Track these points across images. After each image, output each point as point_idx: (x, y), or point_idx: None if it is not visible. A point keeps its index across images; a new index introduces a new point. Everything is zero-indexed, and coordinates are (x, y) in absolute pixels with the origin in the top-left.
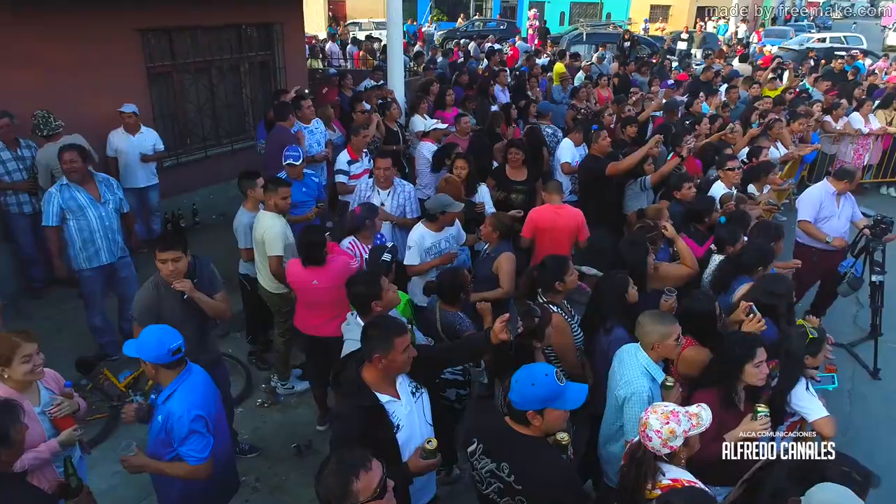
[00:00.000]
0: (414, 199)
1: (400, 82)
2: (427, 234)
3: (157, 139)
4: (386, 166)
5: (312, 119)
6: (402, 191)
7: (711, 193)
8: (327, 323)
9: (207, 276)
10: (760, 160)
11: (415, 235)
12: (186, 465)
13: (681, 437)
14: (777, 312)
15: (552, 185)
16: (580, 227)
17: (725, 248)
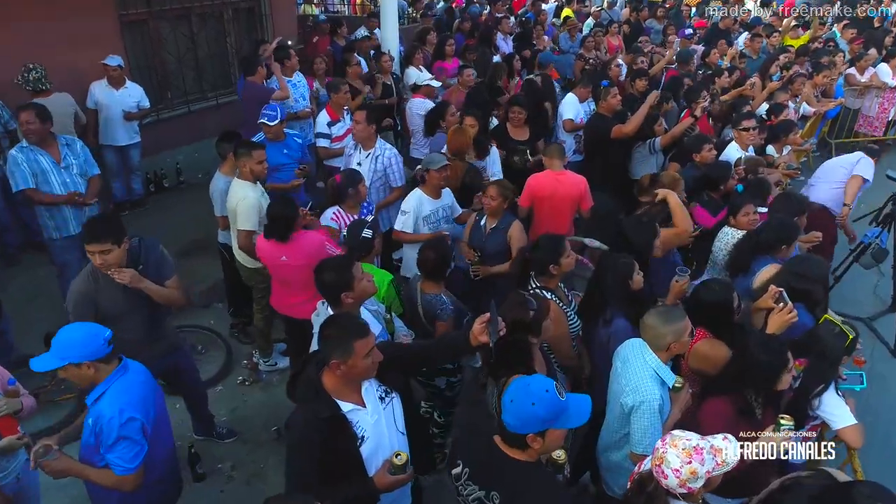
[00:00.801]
0: (397, 166)
1: (394, 30)
2: (425, 199)
3: (142, 95)
4: (360, 119)
5: (294, 71)
6: (383, 155)
7: (725, 157)
8: (304, 304)
9: (154, 262)
10: (780, 118)
11: (412, 200)
12: (112, 475)
13: (702, 478)
14: (813, 299)
15: (553, 149)
16: (583, 196)
17: (736, 217)
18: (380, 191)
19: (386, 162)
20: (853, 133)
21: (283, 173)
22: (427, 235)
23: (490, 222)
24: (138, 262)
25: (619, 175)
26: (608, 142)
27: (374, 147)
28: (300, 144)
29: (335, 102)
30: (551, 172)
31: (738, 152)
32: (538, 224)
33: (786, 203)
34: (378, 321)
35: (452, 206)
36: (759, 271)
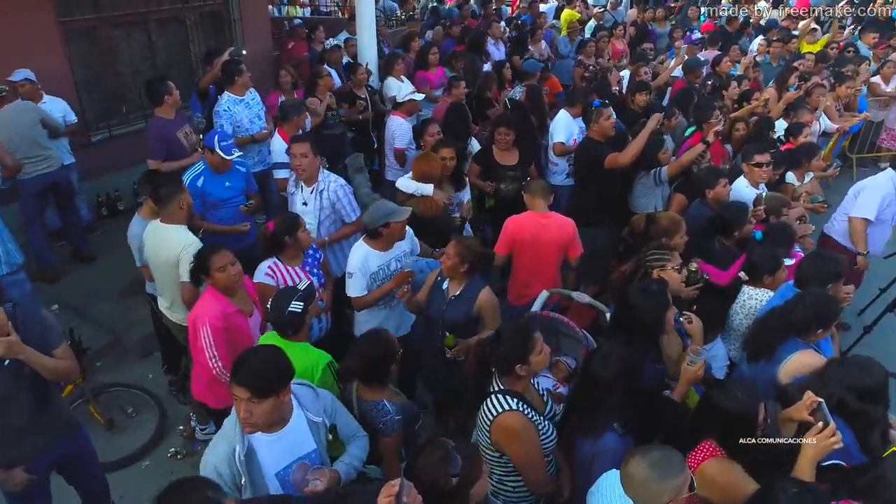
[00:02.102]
0: (347, 198)
1: (371, 36)
2: (371, 254)
3: (65, 109)
4: (303, 152)
5: (247, 89)
6: (328, 188)
7: (733, 195)
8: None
9: (37, 330)
10: (801, 140)
11: (356, 258)
12: None
13: None
14: (869, 420)
15: (535, 187)
16: (570, 241)
17: (762, 277)
18: (331, 230)
19: (333, 196)
20: (875, 147)
21: (224, 210)
22: (390, 285)
23: (453, 287)
24: (17, 328)
25: (616, 207)
26: (602, 171)
27: (316, 181)
28: (244, 174)
29: (292, 126)
30: (534, 214)
31: (748, 189)
32: (518, 273)
33: (820, 266)
34: (316, 436)
35: (412, 247)
36: (786, 358)
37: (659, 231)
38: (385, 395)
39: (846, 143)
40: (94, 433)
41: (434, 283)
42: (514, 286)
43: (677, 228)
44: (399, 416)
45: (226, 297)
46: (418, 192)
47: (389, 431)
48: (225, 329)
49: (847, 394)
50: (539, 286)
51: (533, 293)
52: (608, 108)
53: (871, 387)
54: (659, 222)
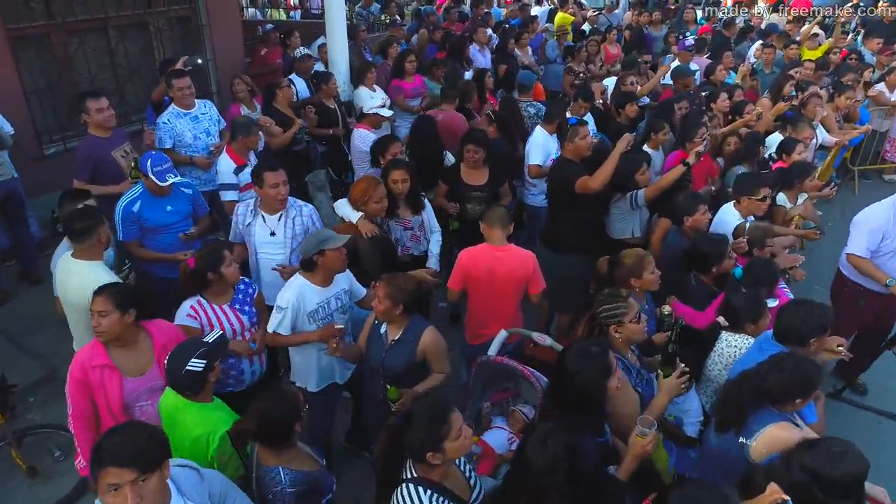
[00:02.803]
0: (320, 223)
1: (342, 40)
2: (309, 290)
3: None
4: (276, 182)
5: (192, 102)
6: (301, 213)
7: (718, 223)
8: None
9: None
10: (793, 158)
11: (289, 293)
12: None
13: None
14: None
15: (494, 216)
16: (531, 277)
17: (744, 325)
18: None
19: (307, 222)
20: (879, 159)
21: (165, 236)
22: (315, 336)
23: (392, 331)
24: None
25: (592, 231)
26: (576, 194)
27: (284, 208)
28: (190, 196)
29: (241, 145)
30: (488, 247)
31: (735, 218)
32: (473, 311)
33: (803, 317)
34: None
35: (351, 290)
36: (759, 432)
37: (624, 273)
38: (284, 461)
39: (847, 155)
40: (14, 481)
41: (371, 327)
42: (470, 324)
43: (644, 265)
44: (293, 489)
45: (102, 347)
46: (346, 217)
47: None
48: (82, 382)
49: (813, 484)
50: (496, 325)
51: (490, 332)
52: (584, 125)
53: (841, 480)
54: (622, 263)
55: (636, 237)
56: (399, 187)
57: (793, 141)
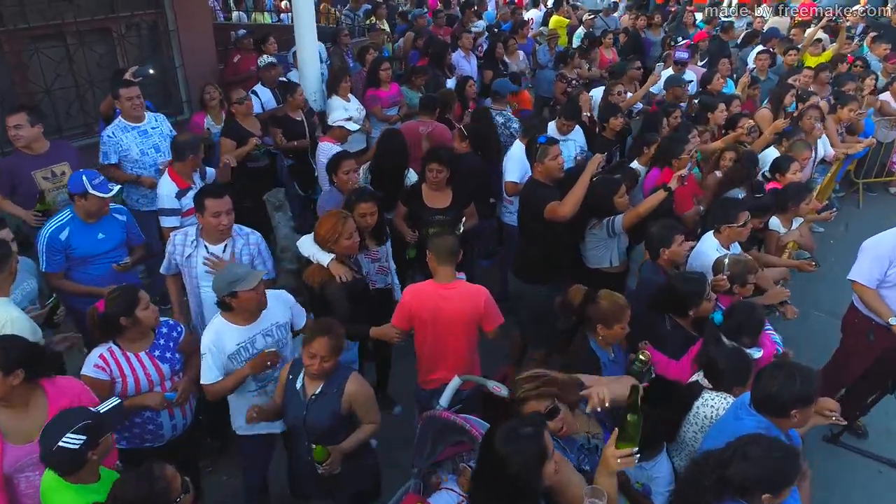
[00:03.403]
0: (268, 252)
1: (312, 47)
2: (227, 330)
3: None
4: (220, 210)
5: (141, 115)
6: (248, 242)
7: (697, 257)
8: None
9: None
10: (788, 178)
11: (207, 336)
12: None
13: None
14: None
15: (437, 248)
16: (483, 315)
17: (728, 387)
18: None
19: (254, 250)
20: (885, 171)
21: (96, 267)
22: (250, 369)
23: (310, 385)
24: None
25: (567, 259)
26: (545, 221)
27: (228, 237)
28: (123, 223)
29: (185, 166)
30: (434, 285)
31: (715, 249)
32: (421, 355)
33: (786, 385)
34: None
35: (289, 317)
36: None
37: (597, 314)
38: None
39: (851, 167)
40: None
41: (286, 382)
42: (419, 368)
43: (619, 316)
44: None
45: None
46: (314, 259)
47: None
48: None
49: None
50: (445, 370)
51: (440, 377)
52: (555, 144)
53: None
54: (599, 304)
55: (614, 267)
56: (367, 220)
57: (787, 159)
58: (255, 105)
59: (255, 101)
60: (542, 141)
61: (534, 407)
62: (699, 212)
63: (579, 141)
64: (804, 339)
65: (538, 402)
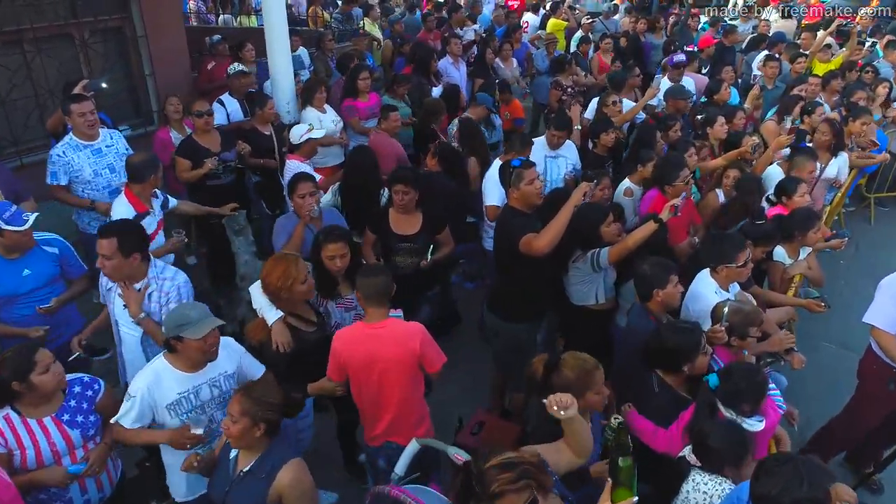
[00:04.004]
0: (189, 296)
1: (283, 52)
2: (169, 375)
3: None
4: (105, 252)
5: (94, 132)
6: (161, 288)
7: (692, 299)
8: None
9: None
10: (795, 201)
11: (141, 378)
12: None
13: None
14: None
15: (368, 287)
16: (420, 355)
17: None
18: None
19: (163, 299)
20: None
21: (20, 308)
22: (157, 436)
23: (243, 459)
24: None
25: (547, 295)
26: (521, 254)
27: (144, 277)
28: (56, 256)
29: (147, 187)
30: (364, 326)
31: (712, 291)
32: (363, 410)
33: (789, 489)
34: None
35: (240, 372)
36: None
37: (563, 385)
38: None
39: (862, 182)
40: None
41: (223, 446)
42: (363, 422)
43: (587, 384)
44: None
45: None
46: (260, 313)
47: None
48: None
49: None
50: (389, 422)
51: (384, 432)
52: (531, 167)
53: None
54: (563, 373)
55: (600, 304)
56: (337, 264)
57: (794, 181)
58: (221, 116)
59: (220, 111)
60: (515, 164)
61: (513, 502)
62: (694, 244)
63: (571, 158)
64: (812, 373)
65: (518, 495)
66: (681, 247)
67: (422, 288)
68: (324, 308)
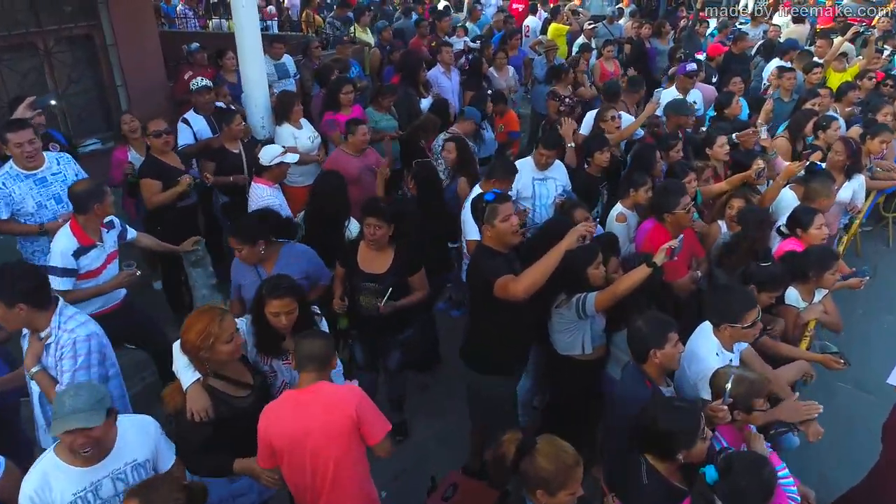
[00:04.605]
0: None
1: (256, 63)
2: (60, 472)
3: None
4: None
5: (35, 161)
6: (59, 342)
7: (691, 359)
8: None
9: None
10: (812, 234)
11: (32, 481)
12: None
13: None
14: None
15: (304, 351)
16: (359, 422)
17: None
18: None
19: (58, 352)
20: None
21: None
22: None
23: None
24: None
25: (528, 344)
26: (496, 299)
27: (47, 326)
28: None
29: (92, 219)
30: (292, 395)
31: (714, 354)
32: (296, 495)
33: None
34: None
35: (153, 459)
36: None
37: (535, 475)
38: None
39: (881, 201)
40: None
41: None
42: None
43: (563, 482)
44: None
45: None
46: (176, 373)
47: None
48: None
49: None
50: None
51: None
52: (507, 202)
53: None
54: (537, 461)
55: (587, 354)
56: (282, 321)
57: (809, 212)
58: (187, 135)
59: (186, 131)
60: (489, 198)
61: None
62: (696, 279)
63: (560, 179)
64: (825, 418)
65: None
66: (681, 283)
67: (390, 331)
68: (268, 366)
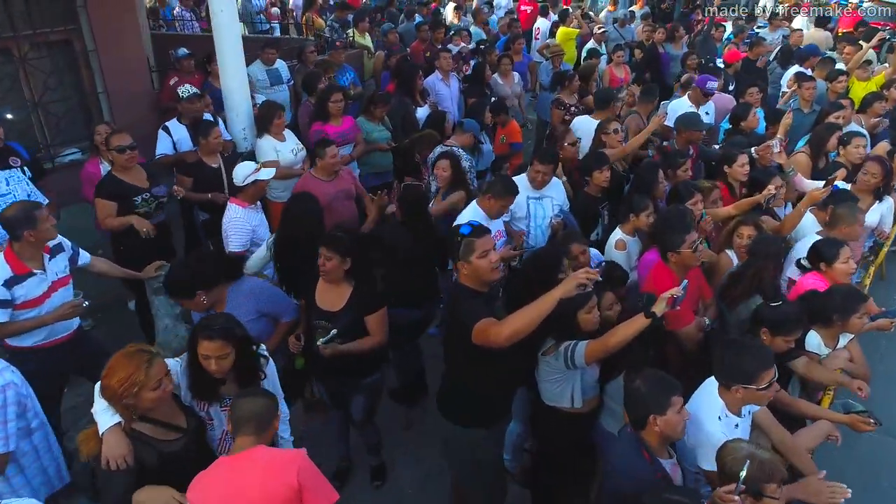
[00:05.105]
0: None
1: (238, 70)
2: None
3: None
4: None
5: None
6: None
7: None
8: None
9: None
10: (837, 269)
11: None
12: None
13: None
14: None
15: (238, 408)
16: (301, 489)
17: None
18: None
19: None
20: None
21: None
22: None
23: None
24: None
25: (513, 393)
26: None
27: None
28: None
29: (27, 246)
30: (223, 462)
31: (716, 420)
32: None
33: None
34: None
35: None
36: None
37: None
38: None
39: None
40: None
41: None
42: None
43: None
44: None
45: None
46: (94, 416)
47: None
48: None
49: None
50: None
51: None
52: (485, 235)
53: None
54: None
55: (576, 408)
56: (213, 366)
57: (833, 245)
58: (166, 145)
59: (165, 139)
60: (464, 231)
61: None
62: (703, 326)
63: (557, 198)
64: (851, 464)
65: None
66: (687, 332)
67: (350, 374)
68: (205, 413)
